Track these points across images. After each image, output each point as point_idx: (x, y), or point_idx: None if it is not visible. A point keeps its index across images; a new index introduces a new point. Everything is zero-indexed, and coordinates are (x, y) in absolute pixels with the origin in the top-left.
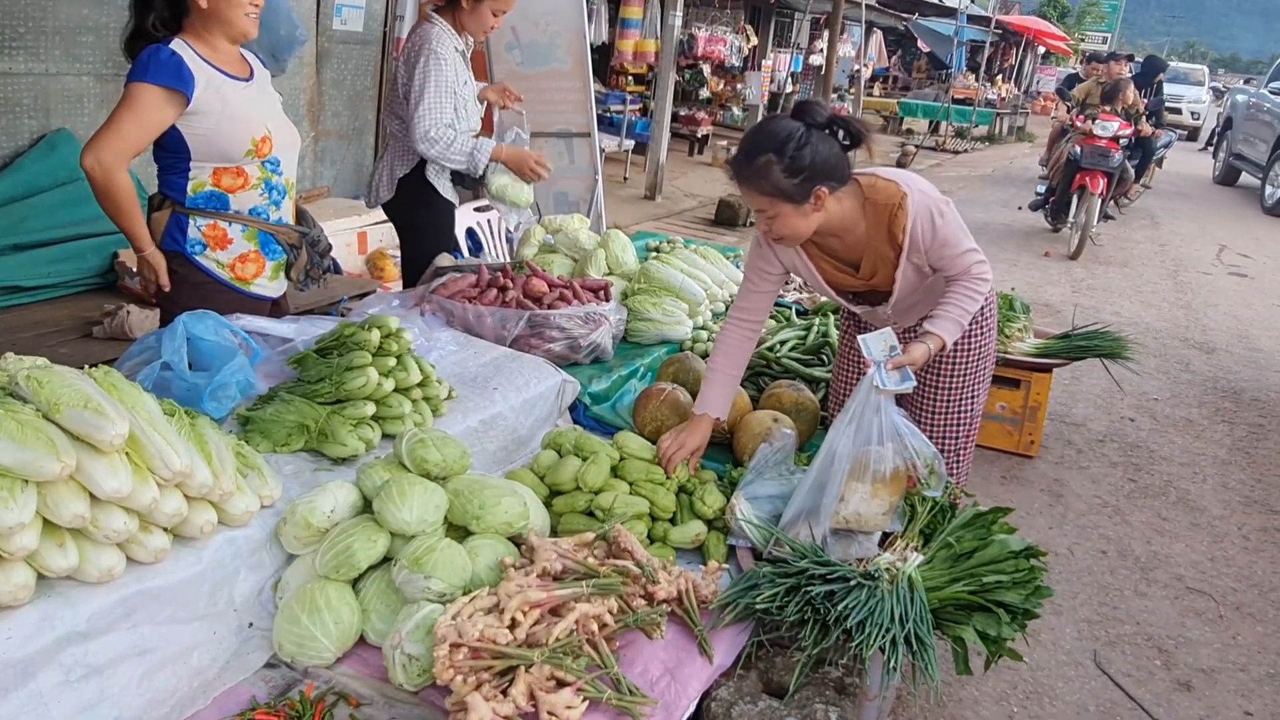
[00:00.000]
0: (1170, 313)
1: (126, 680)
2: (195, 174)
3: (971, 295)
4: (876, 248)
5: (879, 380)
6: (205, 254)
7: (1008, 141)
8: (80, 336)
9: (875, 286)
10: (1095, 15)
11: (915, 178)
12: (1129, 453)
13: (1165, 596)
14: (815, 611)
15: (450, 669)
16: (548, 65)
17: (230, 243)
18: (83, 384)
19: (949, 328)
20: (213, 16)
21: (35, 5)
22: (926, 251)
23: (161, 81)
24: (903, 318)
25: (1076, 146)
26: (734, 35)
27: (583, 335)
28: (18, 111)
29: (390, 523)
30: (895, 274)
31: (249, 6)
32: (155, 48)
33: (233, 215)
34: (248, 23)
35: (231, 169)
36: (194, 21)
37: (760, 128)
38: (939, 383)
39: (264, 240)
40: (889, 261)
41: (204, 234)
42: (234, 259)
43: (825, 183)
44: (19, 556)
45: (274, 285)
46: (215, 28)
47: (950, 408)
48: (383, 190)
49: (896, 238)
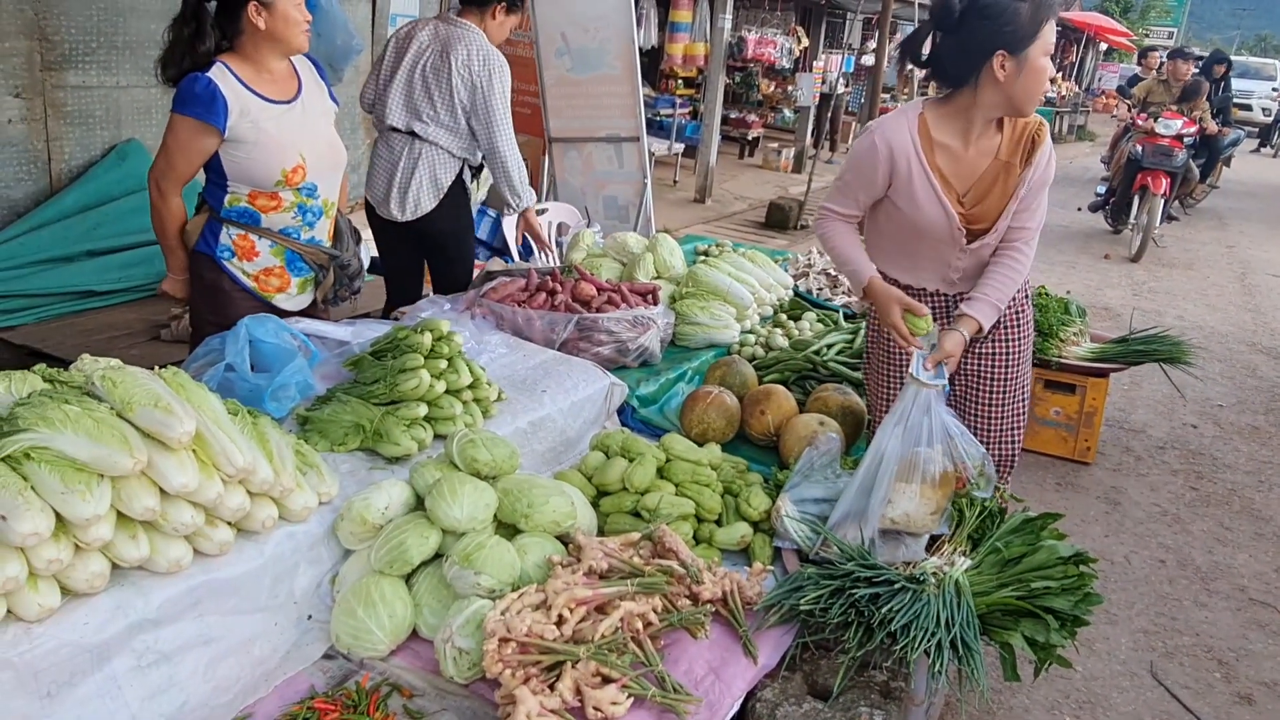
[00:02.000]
0: (1237, 316)
1: (194, 667)
2: (233, 191)
3: (1010, 277)
4: (1007, 163)
5: (914, 369)
6: (233, 261)
7: (1067, 141)
8: (149, 339)
9: (975, 218)
10: (1160, 9)
11: None
12: (1190, 460)
13: (1227, 608)
14: (860, 614)
15: (499, 663)
16: (597, 70)
17: (257, 255)
18: (153, 384)
19: (985, 310)
20: (270, 36)
21: (107, 21)
22: (1031, 184)
23: (195, 114)
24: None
25: (1138, 145)
26: (784, 37)
27: (631, 339)
28: (91, 123)
29: (442, 520)
30: (1016, 193)
31: (304, 24)
32: (194, 77)
33: (262, 230)
34: (303, 39)
35: (265, 193)
36: (245, 42)
37: None
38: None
39: (290, 257)
40: (1002, 189)
41: (234, 242)
42: (259, 271)
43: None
44: (95, 547)
45: (298, 299)
46: (269, 46)
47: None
48: (425, 200)
49: (1031, 155)
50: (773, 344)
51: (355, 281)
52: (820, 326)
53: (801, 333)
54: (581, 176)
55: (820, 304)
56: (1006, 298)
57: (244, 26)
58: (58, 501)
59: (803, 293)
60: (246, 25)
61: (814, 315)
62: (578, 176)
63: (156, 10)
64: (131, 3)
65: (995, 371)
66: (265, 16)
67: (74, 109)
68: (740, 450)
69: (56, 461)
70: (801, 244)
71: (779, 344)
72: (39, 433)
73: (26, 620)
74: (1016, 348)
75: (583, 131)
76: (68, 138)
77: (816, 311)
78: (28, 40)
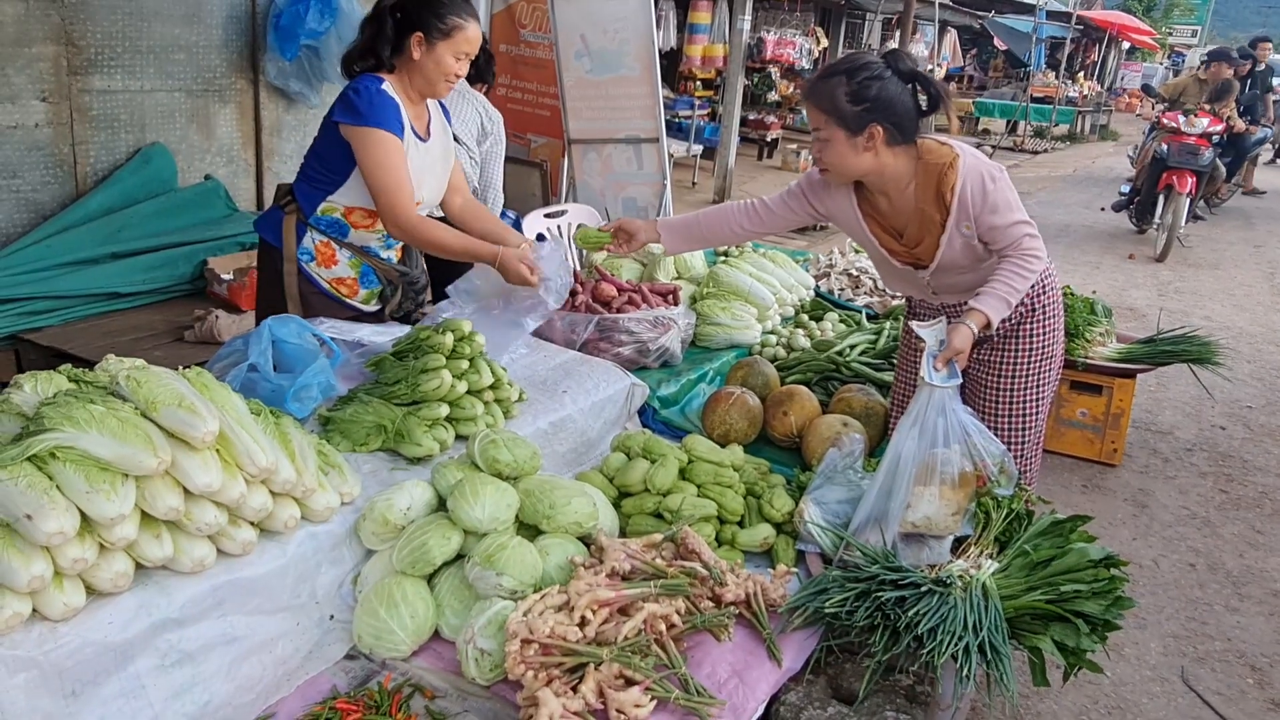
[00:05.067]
0: (1266, 317)
1: (217, 666)
2: (334, 199)
3: (1020, 271)
4: (924, 210)
5: (925, 373)
6: (312, 265)
7: (1090, 141)
8: (173, 340)
9: (919, 257)
10: (1184, 8)
11: (968, 146)
12: (1220, 462)
13: (1260, 613)
14: (885, 617)
15: (521, 664)
16: (616, 72)
17: (335, 264)
18: (177, 384)
19: (993, 304)
20: (418, 70)
21: (131, 26)
22: (976, 218)
23: (393, 129)
24: (950, 295)
25: (1163, 144)
26: (804, 38)
27: (651, 339)
28: (115, 127)
29: (463, 521)
30: (940, 239)
31: (453, 76)
32: (380, 91)
33: (345, 243)
34: (445, 88)
35: (367, 212)
36: (400, 67)
37: (844, 56)
38: (1000, 382)
39: (365, 270)
40: (935, 227)
41: (316, 247)
42: (334, 278)
43: (884, 124)
44: (119, 546)
45: (368, 306)
46: (417, 80)
47: (1013, 408)
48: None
49: (945, 198)
50: (794, 344)
51: (420, 296)
52: (842, 327)
53: (824, 333)
54: (601, 178)
55: (842, 304)
56: (1017, 292)
57: (405, 52)
58: (83, 501)
59: (824, 293)
60: (407, 52)
61: (836, 316)
62: (597, 178)
63: (180, 15)
64: (156, 7)
65: (989, 380)
66: (423, 50)
67: (99, 113)
68: (763, 451)
69: (81, 461)
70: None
71: (801, 344)
72: (64, 432)
73: (52, 619)
74: (1014, 359)
75: (602, 133)
76: (93, 141)
77: (838, 312)
78: (54, 45)
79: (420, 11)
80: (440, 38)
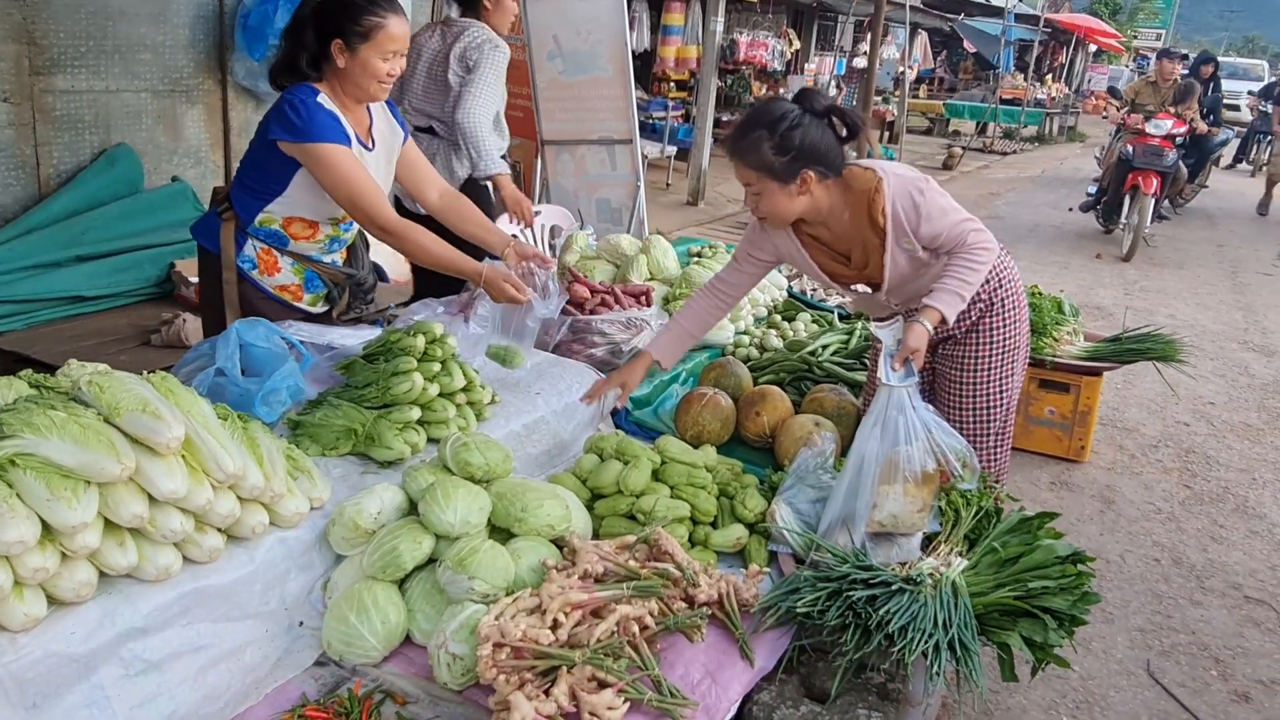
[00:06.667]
0: (1228, 315)
1: (183, 675)
2: (272, 210)
3: (970, 264)
4: (862, 236)
5: (883, 373)
6: (254, 272)
7: (1058, 142)
8: (139, 344)
9: (869, 277)
10: (1148, 11)
11: (892, 164)
12: (1184, 458)
13: (1222, 606)
14: (857, 616)
15: (493, 668)
16: (590, 73)
17: (279, 271)
18: (141, 389)
19: (946, 299)
20: (346, 77)
21: (96, 25)
22: (914, 232)
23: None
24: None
25: (1128, 145)
26: (776, 40)
27: (624, 340)
28: (80, 128)
29: (435, 524)
30: (884, 260)
31: (384, 77)
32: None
33: (287, 251)
34: (378, 90)
35: (307, 222)
36: (328, 75)
37: (758, 107)
38: (963, 377)
39: (309, 275)
40: (877, 249)
41: (258, 255)
42: (277, 285)
43: (813, 167)
44: (82, 555)
45: (315, 309)
46: (346, 87)
47: (977, 402)
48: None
49: (878, 222)
50: (767, 345)
51: (369, 295)
52: (815, 327)
53: (796, 334)
54: (574, 179)
55: (814, 305)
56: (970, 286)
57: (331, 60)
58: (44, 509)
59: (797, 293)
60: (332, 60)
61: (808, 316)
62: (570, 179)
63: (146, 14)
64: (121, 6)
65: (953, 375)
66: (346, 57)
67: (63, 113)
68: (735, 452)
69: (42, 468)
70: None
71: (774, 345)
72: (24, 439)
73: (12, 630)
74: (975, 353)
75: (575, 134)
76: (56, 142)
77: (811, 312)
78: (16, 44)
79: (335, 17)
80: (360, 41)
